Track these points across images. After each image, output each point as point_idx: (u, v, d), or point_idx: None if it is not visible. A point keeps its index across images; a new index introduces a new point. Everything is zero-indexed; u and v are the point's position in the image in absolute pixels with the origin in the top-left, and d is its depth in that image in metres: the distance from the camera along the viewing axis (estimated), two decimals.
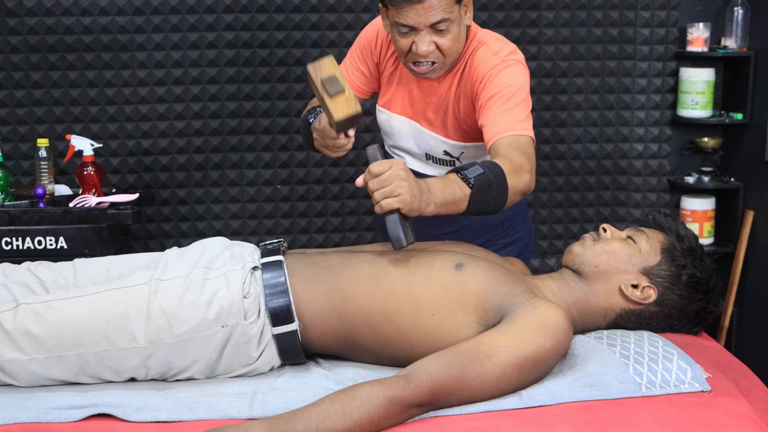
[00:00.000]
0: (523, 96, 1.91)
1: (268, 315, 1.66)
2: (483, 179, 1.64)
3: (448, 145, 2.08)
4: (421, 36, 1.86)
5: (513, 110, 1.86)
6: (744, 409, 1.51)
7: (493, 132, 1.84)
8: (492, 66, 1.92)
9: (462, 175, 1.65)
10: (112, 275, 1.84)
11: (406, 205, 1.55)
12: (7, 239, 2.63)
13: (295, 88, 3.20)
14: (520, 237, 2.27)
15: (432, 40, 1.87)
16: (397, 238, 1.59)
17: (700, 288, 1.76)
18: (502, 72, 1.91)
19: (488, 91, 1.90)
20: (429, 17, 1.83)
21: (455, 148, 2.08)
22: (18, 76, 3.08)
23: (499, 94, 1.88)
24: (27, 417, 1.50)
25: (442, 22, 1.84)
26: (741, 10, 3.15)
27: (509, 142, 1.81)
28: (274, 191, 3.27)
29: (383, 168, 1.56)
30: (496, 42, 2.00)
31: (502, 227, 2.22)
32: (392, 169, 1.55)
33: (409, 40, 1.88)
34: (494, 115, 1.86)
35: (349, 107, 1.72)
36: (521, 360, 1.52)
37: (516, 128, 1.84)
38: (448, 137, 2.07)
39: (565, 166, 3.34)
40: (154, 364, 1.65)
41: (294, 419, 1.40)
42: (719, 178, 3.27)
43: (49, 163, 2.74)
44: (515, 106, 1.87)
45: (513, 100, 1.88)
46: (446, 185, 1.62)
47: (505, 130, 1.83)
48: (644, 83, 3.29)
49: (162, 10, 3.08)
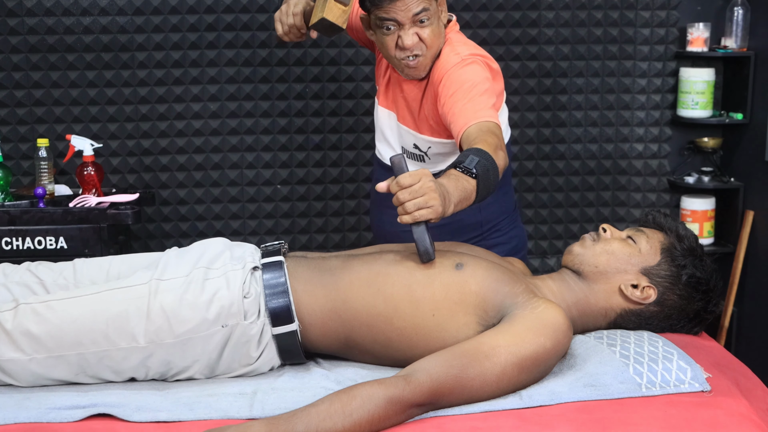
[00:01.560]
0: (485, 88, 1.96)
1: (268, 315, 1.66)
2: (482, 166, 1.66)
3: (417, 138, 2.16)
4: (405, 29, 1.98)
5: (475, 100, 1.92)
6: (744, 409, 1.51)
7: (461, 124, 1.89)
8: (452, 65, 2.00)
9: (462, 168, 1.66)
10: (112, 275, 1.84)
11: (437, 215, 1.56)
12: (7, 239, 2.63)
13: (295, 88, 3.20)
14: (506, 240, 2.26)
15: (415, 32, 1.98)
16: (426, 251, 1.62)
17: (700, 288, 1.76)
18: (461, 69, 1.99)
19: (448, 89, 1.97)
20: (411, 8, 1.95)
21: (423, 142, 2.15)
22: (18, 76, 3.08)
23: (460, 90, 1.94)
24: (27, 417, 1.50)
25: (423, 12, 1.96)
26: (741, 10, 3.15)
27: (477, 129, 1.84)
28: (274, 191, 3.27)
29: (414, 179, 1.55)
30: (462, 45, 2.07)
31: (480, 228, 2.22)
32: (422, 180, 1.55)
33: (395, 35, 1.99)
34: (458, 109, 1.92)
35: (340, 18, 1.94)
36: (521, 360, 1.52)
37: (480, 116, 1.88)
38: (418, 131, 2.15)
39: (565, 166, 3.34)
40: (154, 364, 1.65)
41: (294, 419, 1.40)
42: (719, 178, 3.27)
43: (49, 163, 2.74)
44: (477, 96, 1.92)
45: (474, 92, 1.93)
46: (456, 182, 1.63)
47: (471, 119, 1.88)
48: (644, 83, 3.29)
49: (162, 10, 3.08)
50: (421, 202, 1.54)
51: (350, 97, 3.23)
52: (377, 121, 2.29)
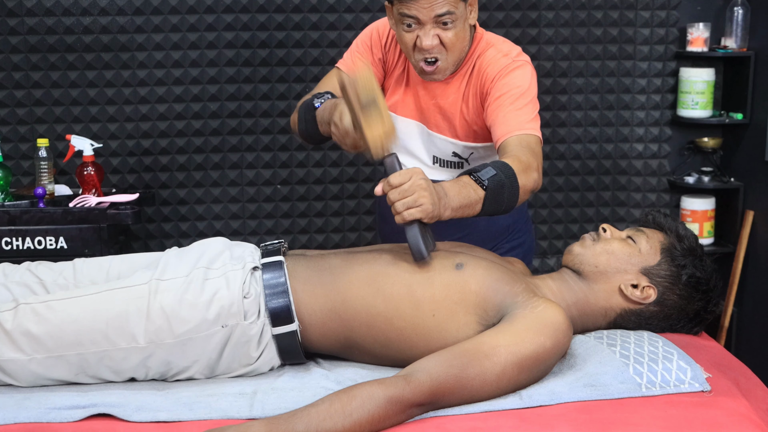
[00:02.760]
0: (531, 97, 1.93)
1: (268, 315, 1.66)
2: (496, 180, 1.65)
3: (457, 146, 2.09)
4: (425, 30, 1.88)
5: (521, 110, 1.88)
6: (744, 409, 1.51)
7: (502, 131, 1.86)
8: (502, 66, 1.94)
9: (475, 177, 1.65)
10: (112, 275, 1.84)
11: (427, 214, 1.56)
12: (7, 239, 2.63)
13: (295, 88, 3.20)
14: (523, 241, 2.27)
15: (436, 33, 1.89)
16: (418, 250, 1.61)
17: (700, 288, 1.76)
18: (512, 72, 1.93)
19: (497, 90, 1.92)
20: (434, 8, 1.85)
21: (465, 149, 2.09)
22: (18, 76, 3.08)
23: (508, 93, 1.90)
24: (27, 417, 1.50)
25: (447, 15, 1.86)
26: (741, 10, 3.15)
27: (517, 141, 1.82)
28: (274, 191, 3.27)
29: (403, 178, 1.55)
30: (504, 44, 2.02)
31: (507, 231, 2.23)
32: (412, 179, 1.55)
33: (414, 34, 1.90)
34: (503, 115, 1.88)
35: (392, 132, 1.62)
36: (521, 359, 1.52)
37: (524, 127, 1.85)
38: (457, 138, 2.08)
39: (565, 166, 3.35)
40: (154, 364, 1.65)
41: (294, 419, 1.40)
42: (719, 178, 3.27)
43: (49, 163, 2.74)
44: (524, 106, 1.89)
45: (521, 100, 1.89)
46: (461, 188, 1.62)
47: (514, 129, 1.85)
48: (644, 83, 3.29)
49: (162, 10, 3.08)
50: (410, 201, 1.54)
51: None
52: None
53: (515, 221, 2.23)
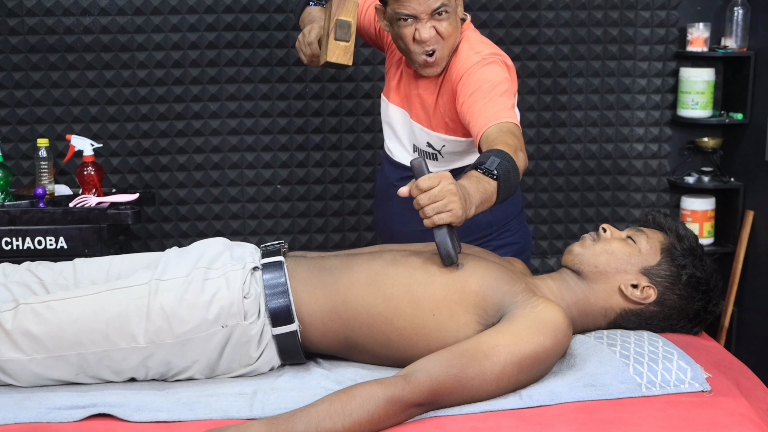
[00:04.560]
0: (505, 88, 1.94)
1: (268, 315, 1.66)
2: (503, 167, 1.66)
3: (431, 136, 2.14)
4: (422, 23, 1.96)
5: (495, 100, 1.91)
6: (744, 409, 1.51)
7: (481, 124, 1.88)
8: (472, 64, 1.99)
9: (483, 169, 1.66)
10: (112, 275, 1.84)
11: (458, 218, 1.55)
12: (7, 239, 2.63)
13: (295, 88, 3.20)
14: (515, 240, 2.27)
15: (432, 25, 1.96)
16: (448, 254, 1.61)
17: (700, 288, 1.76)
18: (481, 68, 1.97)
19: (468, 88, 1.95)
20: (430, 4, 1.94)
21: (438, 140, 2.13)
22: (18, 76, 3.08)
23: (481, 89, 1.93)
24: (27, 417, 1.50)
25: (442, 7, 1.95)
26: (741, 10, 3.15)
27: (497, 129, 1.84)
28: (274, 191, 3.27)
29: (432, 183, 1.53)
30: (480, 44, 2.06)
31: (490, 228, 2.22)
32: (442, 183, 1.53)
33: (412, 29, 1.97)
34: (478, 108, 1.90)
35: (344, 57, 1.96)
36: (520, 359, 1.52)
37: (500, 116, 1.87)
38: (431, 129, 2.13)
39: (565, 166, 3.34)
40: (154, 364, 1.65)
41: (294, 419, 1.40)
42: (719, 178, 3.27)
43: (49, 163, 2.74)
44: (497, 97, 1.91)
45: (494, 92, 1.92)
46: (477, 184, 1.63)
47: (491, 119, 1.87)
48: (644, 83, 3.29)
49: (162, 10, 3.08)
50: (441, 206, 1.53)
51: (350, 97, 3.23)
52: (387, 119, 2.26)
53: (499, 219, 2.23)
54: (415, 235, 2.19)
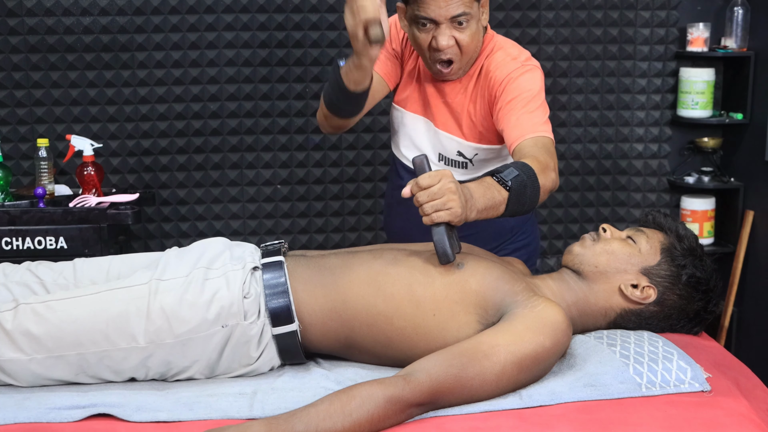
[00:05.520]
0: (542, 100, 1.94)
1: (268, 315, 1.66)
2: (519, 181, 1.65)
3: (462, 145, 2.09)
4: (441, 30, 1.91)
5: (533, 113, 1.89)
6: (744, 409, 1.51)
7: (516, 134, 1.86)
8: (512, 70, 1.95)
9: (498, 178, 1.65)
10: (112, 275, 1.84)
11: (456, 217, 1.55)
12: (7, 239, 2.63)
13: (295, 88, 3.20)
14: (528, 242, 2.27)
15: (451, 34, 1.91)
16: (444, 253, 1.60)
17: (700, 288, 1.76)
18: (521, 76, 1.94)
19: (508, 94, 1.92)
20: (450, 10, 1.88)
21: (470, 149, 2.09)
22: (18, 76, 3.08)
23: (520, 97, 1.91)
24: (27, 417, 1.50)
25: (462, 15, 1.89)
26: (741, 10, 3.15)
27: (533, 143, 1.83)
28: (274, 191, 3.27)
29: (432, 180, 1.54)
30: (513, 47, 2.03)
31: (511, 233, 2.23)
32: (442, 181, 1.53)
33: (429, 35, 1.92)
34: (516, 118, 1.88)
35: None
36: (520, 359, 1.52)
37: (538, 130, 1.86)
38: (463, 138, 2.08)
39: (565, 166, 3.35)
40: (154, 364, 1.65)
41: (293, 419, 1.40)
42: (719, 178, 3.27)
43: (49, 163, 2.74)
44: (535, 109, 1.90)
45: (533, 104, 1.90)
46: (486, 190, 1.62)
47: (528, 131, 1.85)
48: (644, 83, 3.29)
49: (162, 10, 3.08)
50: (439, 204, 1.53)
51: None
52: (403, 128, 2.17)
53: (521, 223, 2.23)
54: (417, 236, 2.17)
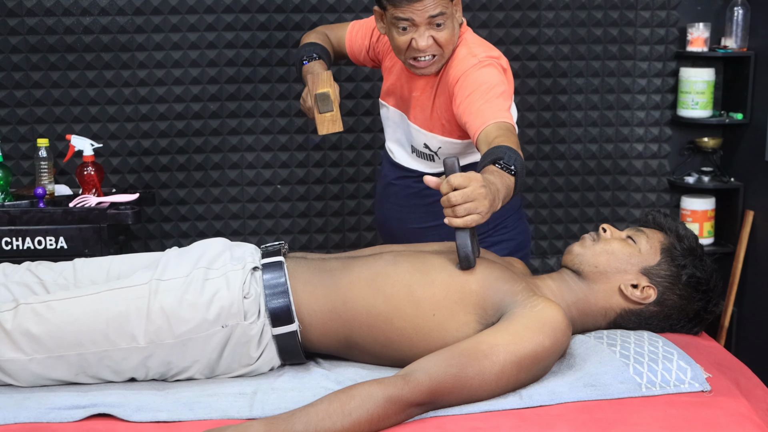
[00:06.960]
0: (502, 90, 1.95)
1: (268, 315, 1.66)
2: (520, 163, 1.68)
3: (427, 137, 2.14)
4: (420, 31, 1.96)
5: (493, 101, 1.91)
6: (744, 409, 1.51)
7: (479, 122, 1.88)
8: (468, 67, 1.99)
9: (502, 164, 1.67)
10: (112, 275, 1.84)
11: (482, 222, 1.54)
12: (7, 239, 2.63)
13: (295, 88, 3.20)
14: (512, 237, 2.27)
15: (430, 34, 1.96)
16: (466, 257, 1.61)
17: (700, 288, 1.76)
18: (478, 71, 1.97)
19: (465, 90, 1.96)
20: (428, 10, 1.93)
21: (434, 142, 2.14)
22: (18, 76, 3.08)
23: (477, 90, 1.94)
24: (27, 417, 1.50)
25: (440, 15, 1.94)
26: (741, 10, 3.15)
27: (496, 128, 1.84)
28: (274, 191, 3.27)
29: (464, 182, 1.51)
30: (478, 46, 2.06)
31: (487, 225, 2.21)
32: (473, 184, 1.52)
33: (408, 36, 1.97)
34: (476, 109, 1.91)
35: (333, 127, 2.04)
36: (520, 358, 1.52)
37: (499, 116, 1.88)
38: (428, 130, 2.13)
39: (565, 166, 3.34)
40: (154, 364, 1.65)
41: (293, 419, 1.40)
42: (719, 178, 3.27)
43: (49, 163, 2.74)
44: (494, 98, 1.92)
45: (491, 93, 1.93)
46: (500, 179, 1.63)
47: (490, 118, 1.87)
48: (644, 83, 3.29)
49: (162, 10, 3.08)
50: (472, 207, 1.52)
51: (350, 97, 3.23)
52: (386, 122, 2.29)
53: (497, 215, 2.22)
54: (414, 233, 2.20)
